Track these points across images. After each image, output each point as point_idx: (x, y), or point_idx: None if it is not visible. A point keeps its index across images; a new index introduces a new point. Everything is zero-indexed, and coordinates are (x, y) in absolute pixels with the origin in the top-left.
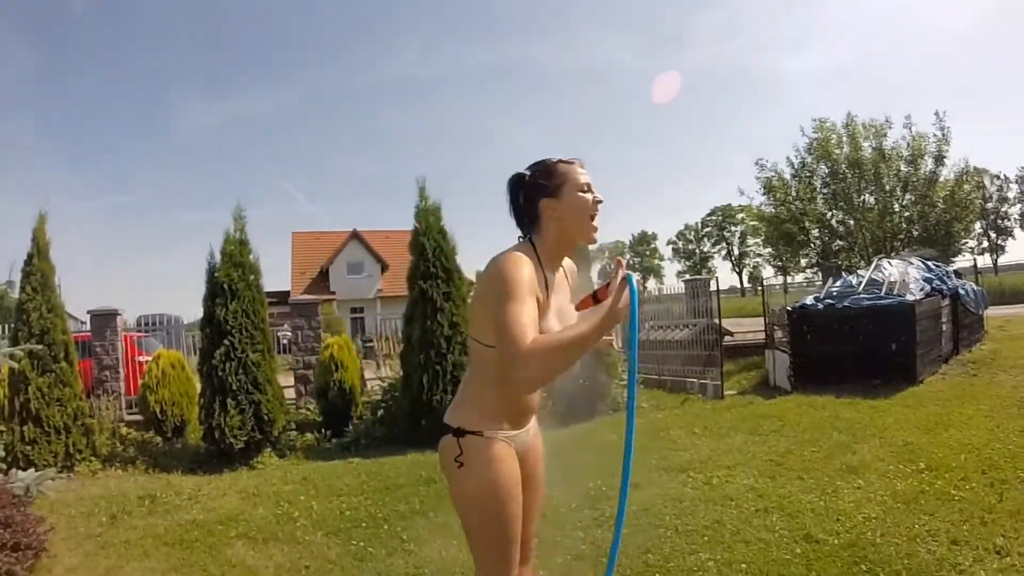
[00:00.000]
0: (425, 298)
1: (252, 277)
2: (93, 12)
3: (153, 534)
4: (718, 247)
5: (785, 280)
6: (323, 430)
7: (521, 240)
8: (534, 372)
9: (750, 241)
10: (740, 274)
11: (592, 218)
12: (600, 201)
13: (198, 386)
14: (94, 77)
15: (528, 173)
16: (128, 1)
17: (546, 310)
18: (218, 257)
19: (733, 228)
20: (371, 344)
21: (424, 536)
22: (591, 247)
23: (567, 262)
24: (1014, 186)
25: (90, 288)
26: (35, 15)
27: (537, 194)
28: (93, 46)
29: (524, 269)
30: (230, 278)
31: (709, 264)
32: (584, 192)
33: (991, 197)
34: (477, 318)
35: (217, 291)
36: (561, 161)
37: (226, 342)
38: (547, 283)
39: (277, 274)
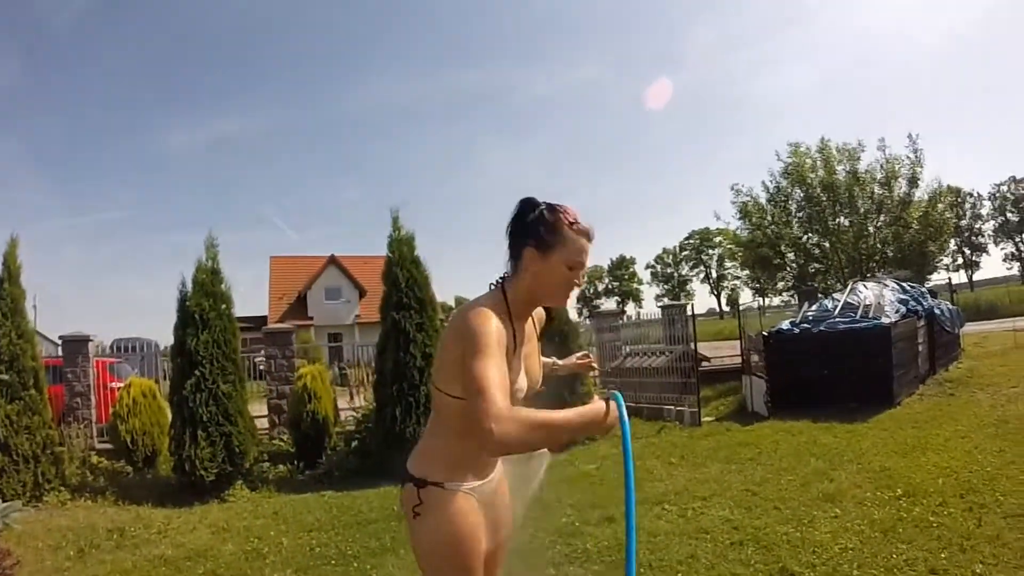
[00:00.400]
0: (398, 329)
1: (224, 307)
2: (74, 31)
3: (121, 569)
4: (696, 270)
5: (763, 303)
6: (296, 461)
7: (493, 287)
8: (507, 444)
9: (728, 264)
10: (718, 297)
11: (567, 293)
12: (579, 285)
13: (170, 415)
14: (74, 96)
15: (536, 212)
16: (110, 21)
17: (513, 364)
18: (190, 285)
19: (711, 251)
20: (346, 371)
21: (394, 574)
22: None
23: (537, 309)
24: (987, 203)
25: (67, 308)
26: (13, 32)
27: (528, 238)
28: (73, 65)
29: (492, 323)
30: (201, 308)
31: (687, 287)
32: (572, 269)
33: (964, 214)
34: (442, 369)
35: (188, 320)
36: (573, 223)
37: (197, 372)
38: (515, 336)
39: (255, 299)
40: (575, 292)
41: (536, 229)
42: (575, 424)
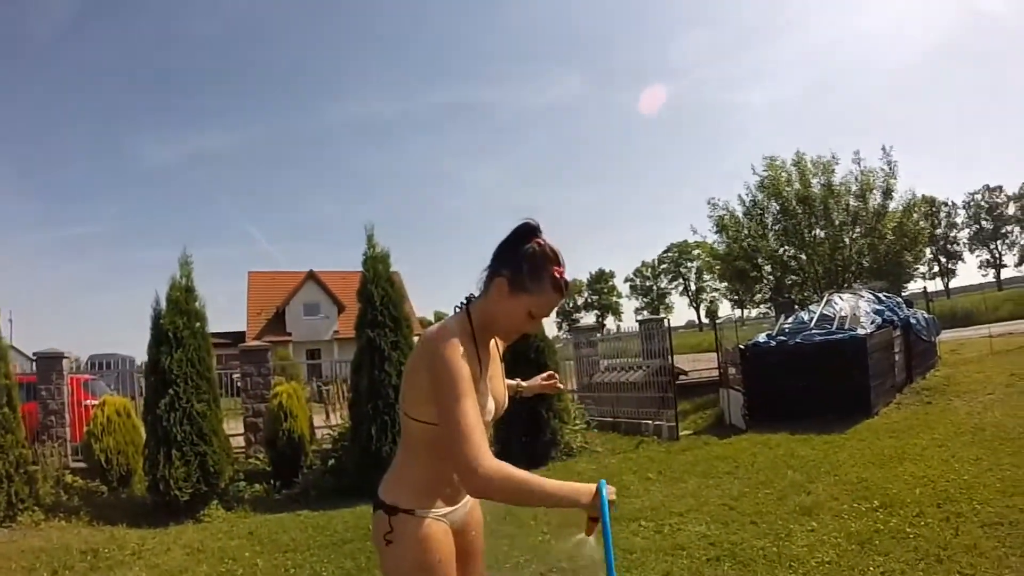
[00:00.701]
0: (373, 347)
1: (198, 324)
2: (54, 41)
3: None
4: (675, 283)
5: (741, 315)
6: (272, 480)
7: (459, 308)
8: (487, 495)
9: (706, 277)
10: (697, 310)
11: (516, 336)
12: (533, 332)
13: (144, 434)
14: (50, 108)
15: (530, 247)
16: (91, 35)
17: (480, 388)
18: (163, 303)
19: (689, 264)
20: (325, 389)
21: None
22: None
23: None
24: (962, 211)
25: (43, 322)
26: None
27: (506, 268)
28: (50, 76)
29: (459, 353)
30: (175, 326)
31: (666, 300)
32: (533, 318)
33: (940, 223)
34: (411, 395)
35: (162, 339)
36: (555, 273)
37: (171, 391)
38: (480, 360)
39: (232, 313)
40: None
41: (519, 264)
42: (556, 496)
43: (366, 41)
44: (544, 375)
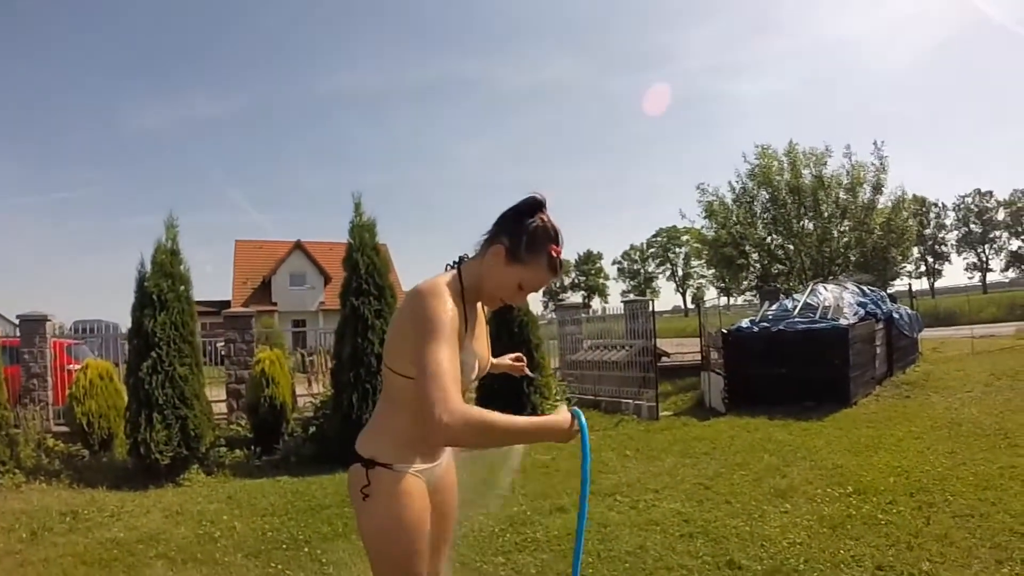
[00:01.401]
0: (356, 315)
1: (183, 288)
2: (41, 5)
3: (73, 552)
4: (663, 268)
5: (727, 301)
6: (253, 447)
7: (450, 267)
8: (454, 438)
9: (694, 263)
10: (684, 295)
11: (501, 304)
12: (513, 303)
13: (126, 398)
14: (36, 70)
15: (534, 220)
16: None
17: (466, 345)
18: (148, 266)
19: (678, 249)
20: (309, 358)
21: (344, 559)
22: None
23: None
24: (951, 214)
25: (28, 288)
26: None
27: (507, 236)
28: (38, 37)
29: (446, 305)
30: (160, 288)
31: (653, 284)
32: (522, 289)
33: (928, 224)
34: (394, 347)
35: (146, 301)
36: (552, 252)
37: (153, 354)
38: (467, 318)
39: (218, 282)
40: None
41: (520, 235)
42: (529, 432)
43: (358, 11)
44: (512, 356)
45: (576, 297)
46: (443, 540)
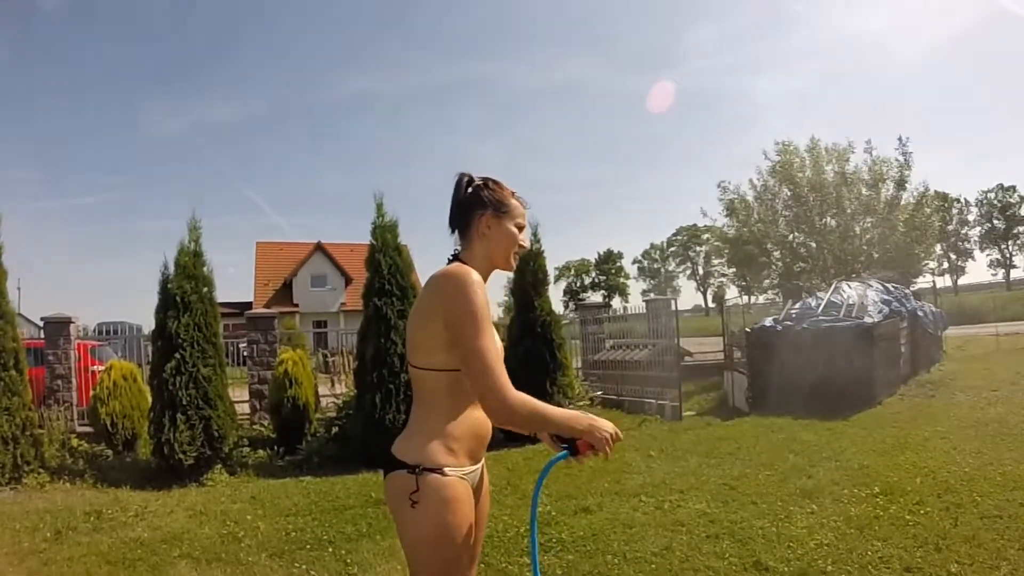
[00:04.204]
0: (379, 316)
1: (205, 290)
2: (62, 12)
3: (97, 552)
4: (683, 267)
5: (749, 300)
6: (276, 447)
7: (451, 261)
8: (511, 419)
9: (715, 261)
10: (704, 294)
11: (515, 255)
12: (523, 247)
13: (150, 398)
14: (58, 77)
15: (480, 182)
16: (97, 3)
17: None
18: (171, 268)
19: (698, 248)
20: (330, 359)
21: (368, 560)
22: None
23: None
24: (974, 209)
25: (51, 291)
26: (2, 16)
27: (479, 207)
28: (59, 46)
29: (483, 290)
30: (183, 290)
31: (674, 283)
32: (520, 230)
33: (951, 220)
34: (426, 344)
35: (169, 303)
36: (513, 193)
37: (177, 355)
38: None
39: (240, 284)
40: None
41: (490, 199)
42: (559, 421)
43: (372, 16)
44: None
45: (596, 297)
46: (480, 544)
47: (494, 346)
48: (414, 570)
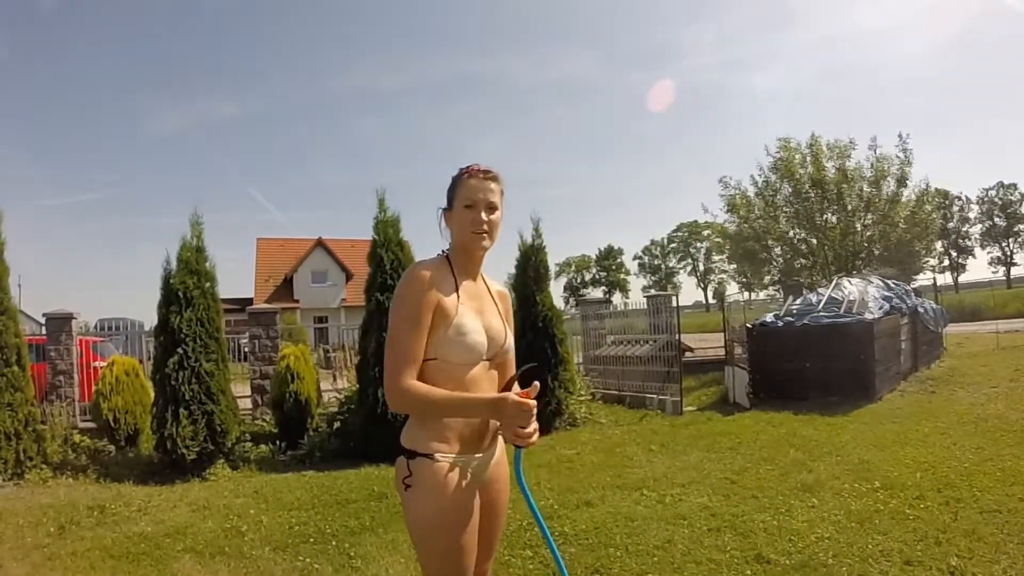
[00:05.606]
0: (381, 310)
1: (208, 285)
2: (62, 9)
3: (100, 546)
4: (684, 263)
5: (750, 296)
6: (278, 442)
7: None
8: (402, 406)
9: (715, 257)
10: (705, 290)
11: (477, 233)
12: (484, 221)
13: (152, 394)
14: (59, 74)
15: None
16: (97, 3)
17: (466, 321)
18: (174, 263)
19: (699, 244)
20: (331, 354)
21: (372, 553)
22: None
23: (496, 288)
24: (975, 207)
25: (52, 287)
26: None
27: (445, 204)
28: (60, 43)
29: (415, 287)
30: (185, 286)
31: (675, 280)
32: (469, 207)
33: (952, 217)
34: None
35: (172, 298)
36: (463, 171)
37: (180, 350)
38: (457, 287)
39: (240, 280)
40: (493, 234)
41: (448, 196)
42: (469, 406)
43: (372, 12)
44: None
45: (597, 292)
46: (494, 536)
47: (408, 336)
48: (417, 552)
